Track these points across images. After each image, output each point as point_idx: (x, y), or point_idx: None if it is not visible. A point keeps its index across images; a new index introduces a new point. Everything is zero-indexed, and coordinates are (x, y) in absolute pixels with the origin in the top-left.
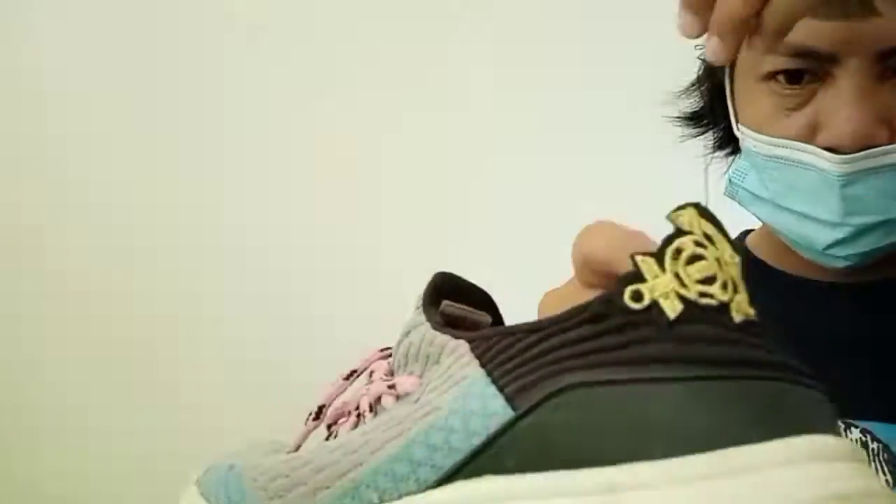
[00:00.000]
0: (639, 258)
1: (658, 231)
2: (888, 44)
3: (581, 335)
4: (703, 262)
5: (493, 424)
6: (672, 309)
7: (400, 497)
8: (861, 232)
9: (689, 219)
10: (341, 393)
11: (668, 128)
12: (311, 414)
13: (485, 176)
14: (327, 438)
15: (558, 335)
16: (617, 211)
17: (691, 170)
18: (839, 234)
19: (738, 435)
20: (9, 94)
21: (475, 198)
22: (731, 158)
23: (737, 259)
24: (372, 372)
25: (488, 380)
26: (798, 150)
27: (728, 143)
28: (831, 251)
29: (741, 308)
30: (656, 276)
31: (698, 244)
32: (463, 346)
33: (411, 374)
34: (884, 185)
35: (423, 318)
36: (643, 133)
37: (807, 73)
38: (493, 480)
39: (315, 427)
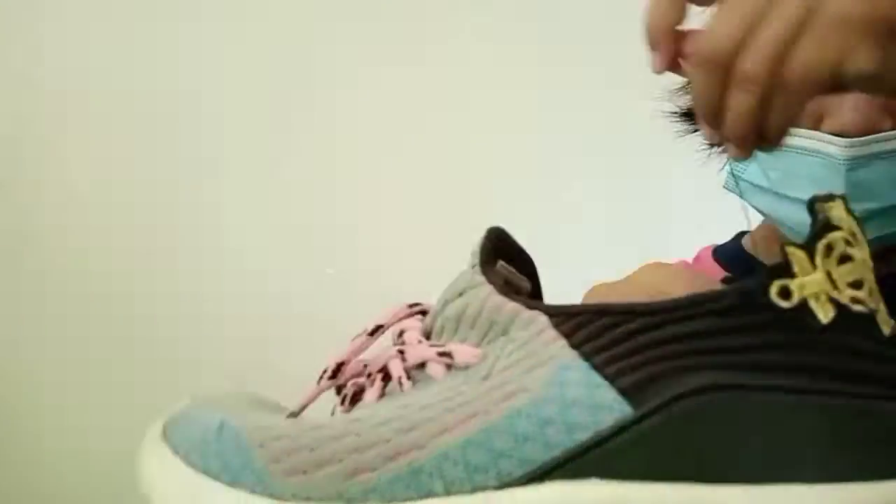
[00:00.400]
0: (789, 248)
1: (659, 230)
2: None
3: (708, 328)
4: (852, 264)
5: (605, 420)
6: (824, 313)
7: (473, 491)
8: (866, 218)
9: (838, 213)
10: (363, 351)
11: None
12: (325, 371)
13: (487, 177)
14: (342, 402)
15: (676, 325)
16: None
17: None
18: None
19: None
20: (7, 94)
21: (476, 199)
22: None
23: (871, 264)
24: (402, 331)
25: (587, 365)
26: (803, 136)
27: None
28: None
29: (885, 319)
30: (807, 273)
31: (847, 242)
32: (541, 318)
33: (463, 341)
34: (888, 170)
35: (482, 279)
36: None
37: None
38: (603, 486)
39: (330, 386)
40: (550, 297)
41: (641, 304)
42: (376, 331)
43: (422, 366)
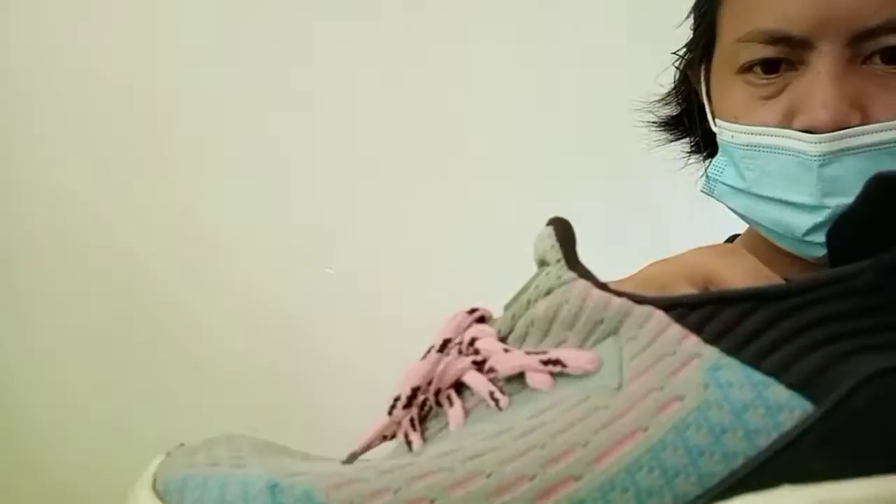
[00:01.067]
0: None
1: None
2: (861, 24)
3: (855, 308)
4: None
5: (788, 420)
6: None
7: None
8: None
9: None
10: (435, 371)
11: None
12: (397, 399)
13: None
14: (414, 428)
15: (815, 307)
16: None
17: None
18: (818, 217)
19: None
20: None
21: (475, 198)
22: (707, 162)
23: None
24: (474, 339)
25: (737, 361)
26: (775, 135)
27: (706, 146)
28: (810, 237)
29: None
30: None
31: None
32: (658, 314)
33: (559, 344)
34: (860, 165)
35: (573, 274)
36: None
37: (782, 61)
38: (798, 492)
39: (405, 416)
40: None
41: (767, 288)
42: (446, 345)
43: (518, 377)
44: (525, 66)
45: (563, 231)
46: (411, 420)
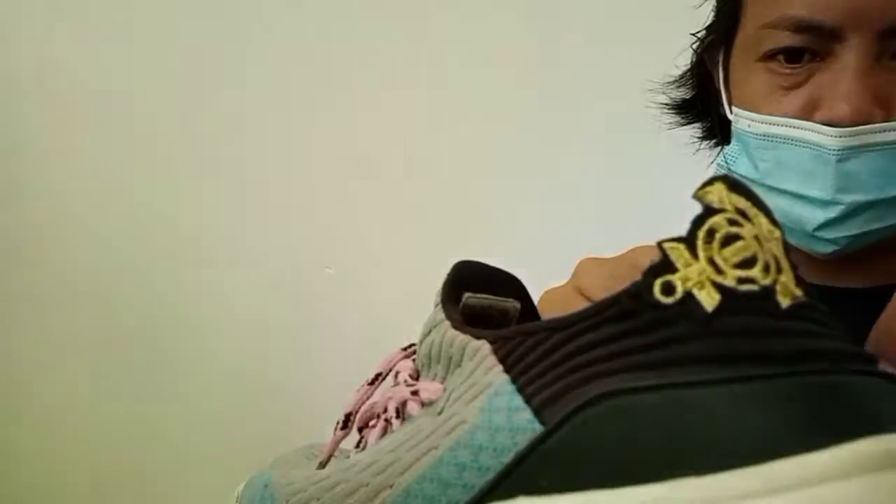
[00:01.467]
0: (667, 245)
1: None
2: (894, 18)
3: (609, 335)
4: (740, 243)
5: (521, 441)
6: (709, 300)
7: None
8: (853, 211)
9: (718, 195)
10: (366, 399)
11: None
12: (338, 423)
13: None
14: (357, 445)
15: (584, 335)
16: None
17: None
18: (831, 213)
19: (792, 443)
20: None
21: (475, 200)
22: (719, 149)
23: (777, 233)
24: (398, 373)
25: (513, 388)
26: (795, 126)
27: (718, 131)
28: (821, 233)
29: (787, 290)
30: (688, 265)
31: (732, 222)
32: (485, 347)
33: (434, 377)
34: (878, 163)
35: (442, 315)
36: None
37: (807, 51)
38: (528, 502)
39: (343, 437)
40: None
41: (564, 318)
42: (375, 379)
43: (405, 405)
44: (526, 66)
45: (460, 273)
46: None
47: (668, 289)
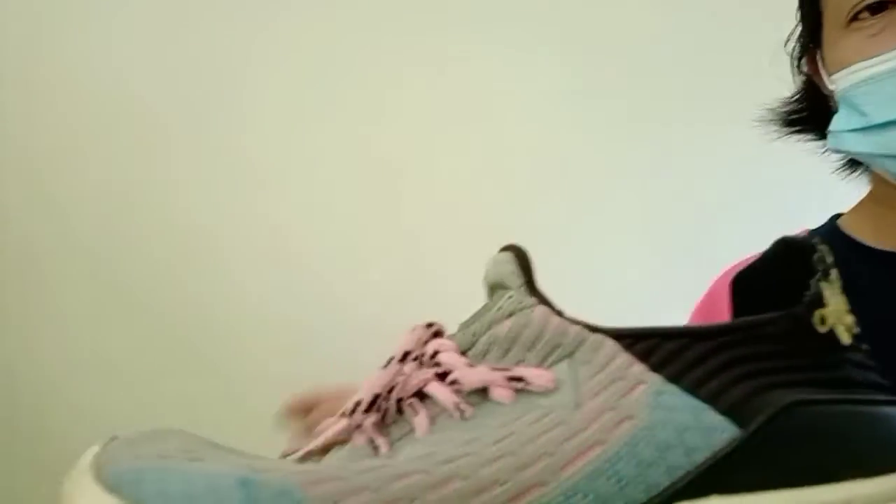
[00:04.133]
0: (823, 283)
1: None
2: None
3: (774, 350)
4: (844, 297)
5: (718, 441)
6: (846, 335)
7: None
8: None
9: (826, 249)
10: (397, 378)
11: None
12: (356, 403)
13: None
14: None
15: (737, 348)
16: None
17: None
18: None
19: None
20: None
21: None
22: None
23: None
24: (437, 352)
25: (678, 389)
26: (891, 59)
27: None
28: None
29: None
30: (831, 305)
31: (837, 276)
32: (610, 344)
33: (518, 363)
34: None
35: (532, 300)
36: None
37: (889, 2)
38: (725, 500)
39: (365, 420)
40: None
41: (698, 328)
42: (406, 356)
43: (481, 390)
44: (556, 77)
45: (521, 258)
46: (375, 424)
47: (822, 320)
